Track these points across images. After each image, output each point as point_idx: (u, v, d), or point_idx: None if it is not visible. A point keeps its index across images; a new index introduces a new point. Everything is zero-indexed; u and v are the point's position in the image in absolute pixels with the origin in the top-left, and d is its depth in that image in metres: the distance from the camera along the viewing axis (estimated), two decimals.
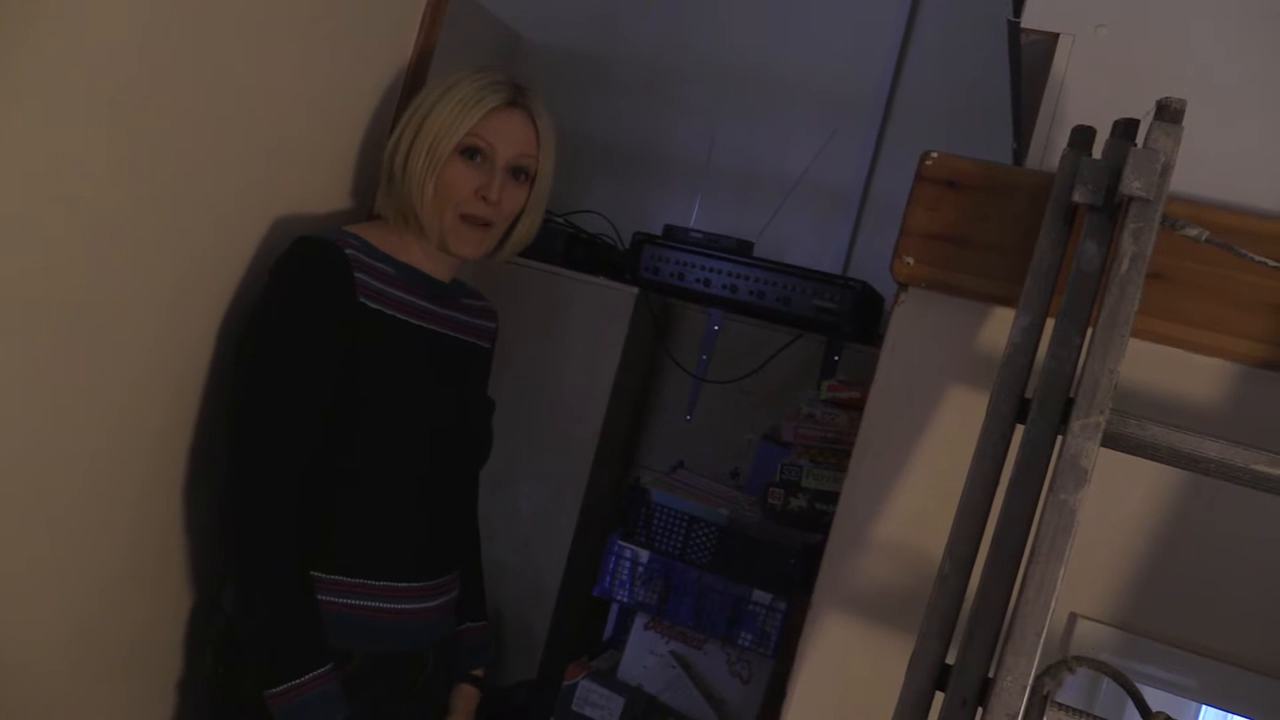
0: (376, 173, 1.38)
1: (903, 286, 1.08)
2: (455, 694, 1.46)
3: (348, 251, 1.24)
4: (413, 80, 1.50)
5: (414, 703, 1.34)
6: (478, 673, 1.49)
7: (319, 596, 1.22)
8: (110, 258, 1.12)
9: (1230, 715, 1.13)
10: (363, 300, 1.23)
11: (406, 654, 1.31)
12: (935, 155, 1.05)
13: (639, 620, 1.94)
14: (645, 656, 1.92)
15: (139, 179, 1.12)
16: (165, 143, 1.14)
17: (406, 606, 1.30)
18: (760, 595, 1.82)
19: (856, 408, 1.85)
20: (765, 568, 1.84)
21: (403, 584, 1.29)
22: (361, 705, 1.26)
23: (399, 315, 1.28)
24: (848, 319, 2.02)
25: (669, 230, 2.23)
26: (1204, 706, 1.12)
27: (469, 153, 1.28)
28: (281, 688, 1.15)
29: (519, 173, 1.33)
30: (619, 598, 1.93)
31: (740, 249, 2.17)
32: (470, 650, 1.48)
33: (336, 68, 1.38)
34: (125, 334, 1.17)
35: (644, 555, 1.91)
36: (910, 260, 1.05)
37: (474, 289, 1.47)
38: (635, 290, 2.17)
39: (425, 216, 1.29)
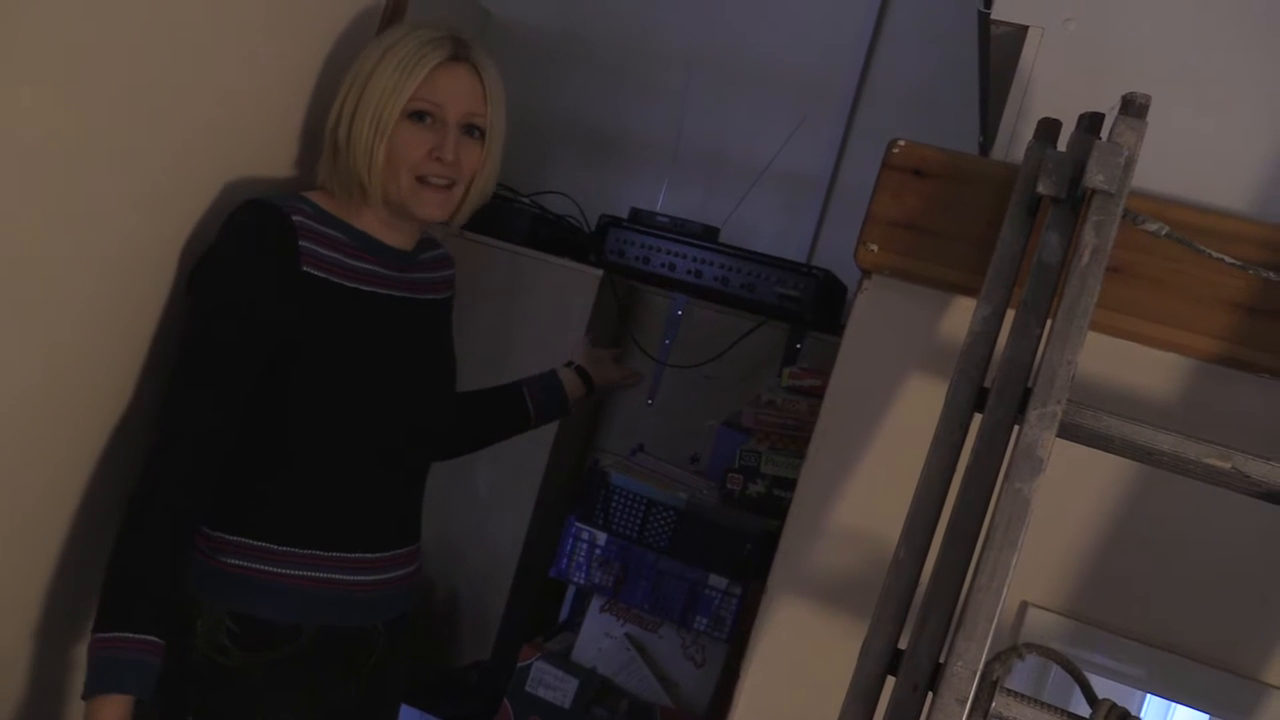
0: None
1: (866, 273, 1.08)
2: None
3: (295, 219, 1.21)
4: None
5: (363, 685, 1.30)
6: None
7: (266, 568, 1.20)
8: (58, 218, 1.09)
9: (1173, 704, 1.15)
10: (307, 269, 1.21)
11: (356, 631, 1.28)
12: (902, 143, 1.06)
13: (595, 602, 1.93)
14: (600, 639, 1.91)
15: (93, 140, 1.10)
16: (123, 105, 1.11)
17: (360, 578, 1.27)
18: (716, 580, 1.82)
19: (817, 395, 1.85)
20: (722, 552, 1.84)
21: (355, 554, 1.27)
22: (308, 687, 1.23)
23: (348, 283, 1.24)
24: (811, 307, 2.02)
25: (635, 213, 2.22)
26: (1147, 695, 1.14)
27: (417, 116, 1.24)
28: (109, 635, 1.09)
29: (472, 130, 1.28)
30: (575, 579, 1.92)
31: (706, 234, 2.16)
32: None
33: (300, 37, 1.35)
34: (74, 291, 1.14)
35: (601, 538, 1.90)
36: (874, 247, 1.06)
37: (432, 237, 1.40)
38: (599, 273, 2.16)
39: (377, 184, 1.24)
